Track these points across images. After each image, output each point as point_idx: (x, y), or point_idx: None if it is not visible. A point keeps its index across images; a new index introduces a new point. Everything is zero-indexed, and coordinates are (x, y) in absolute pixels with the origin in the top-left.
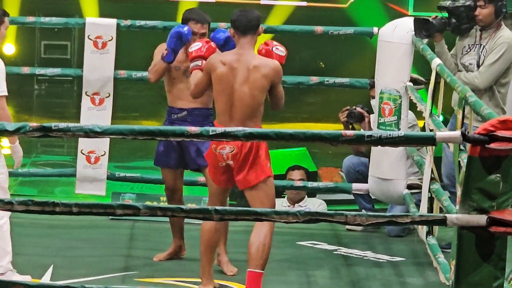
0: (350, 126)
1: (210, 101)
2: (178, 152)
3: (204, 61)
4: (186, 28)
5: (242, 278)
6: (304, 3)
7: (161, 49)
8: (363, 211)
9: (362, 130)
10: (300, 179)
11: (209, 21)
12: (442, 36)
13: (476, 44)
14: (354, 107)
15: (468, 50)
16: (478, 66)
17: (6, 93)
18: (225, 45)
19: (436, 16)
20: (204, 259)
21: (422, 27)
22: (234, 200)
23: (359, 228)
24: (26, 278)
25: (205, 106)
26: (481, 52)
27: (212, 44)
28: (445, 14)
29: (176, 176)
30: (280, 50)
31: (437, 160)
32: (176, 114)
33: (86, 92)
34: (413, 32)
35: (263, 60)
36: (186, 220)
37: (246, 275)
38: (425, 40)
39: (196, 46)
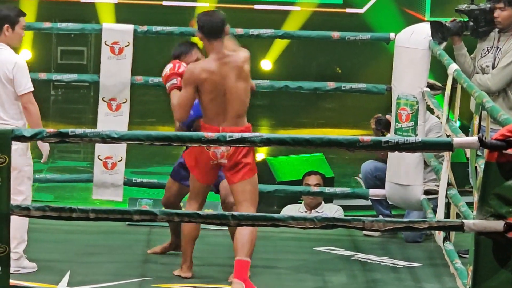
0: (381, 134)
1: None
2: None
3: (179, 78)
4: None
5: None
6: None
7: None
8: (381, 217)
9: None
10: (316, 184)
11: (195, 44)
12: (461, 39)
13: (494, 47)
14: (380, 115)
15: (487, 52)
16: (493, 69)
17: (33, 89)
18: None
19: (454, 19)
20: (187, 250)
21: (438, 30)
22: None
23: (377, 234)
24: (33, 265)
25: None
26: (497, 54)
27: (183, 64)
28: (465, 18)
29: (182, 192)
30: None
31: (454, 166)
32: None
33: (103, 98)
34: (430, 38)
35: (237, 51)
36: (202, 226)
37: (251, 280)
38: (443, 45)
39: (168, 67)
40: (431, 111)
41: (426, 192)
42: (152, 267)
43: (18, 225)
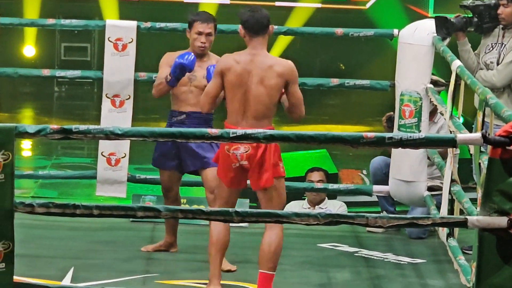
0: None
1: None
2: (174, 155)
3: None
4: (191, 57)
5: (244, 277)
6: (319, 5)
7: (168, 60)
8: (384, 213)
9: None
10: (319, 181)
11: (215, 20)
12: (465, 34)
13: (498, 43)
14: (392, 113)
15: (491, 48)
16: (498, 65)
17: None
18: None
19: (458, 15)
20: (215, 261)
21: (442, 26)
22: (254, 202)
23: (380, 230)
24: None
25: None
26: (502, 50)
27: None
28: (469, 14)
29: (172, 178)
30: None
31: (458, 162)
32: (176, 117)
33: (106, 94)
34: (434, 34)
35: (277, 59)
36: (207, 222)
37: (252, 275)
38: (446, 41)
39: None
40: (435, 107)
41: (430, 189)
42: (156, 263)
43: None
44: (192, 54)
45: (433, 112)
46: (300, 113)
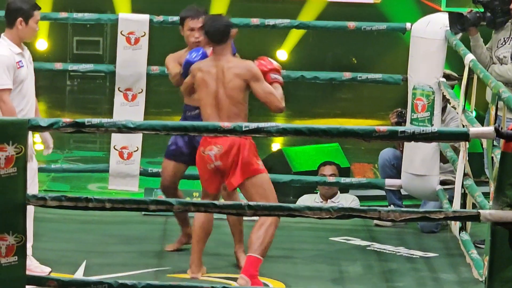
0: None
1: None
2: (182, 146)
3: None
4: (199, 55)
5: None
6: None
7: (173, 58)
8: (392, 207)
9: None
10: (331, 175)
11: (205, 12)
12: (477, 29)
13: (511, 37)
14: (400, 109)
15: (503, 43)
16: None
17: (7, 86)
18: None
19: (471, 10)
20: (197, 248)
21: (456, 21)
22: None
23: (388, 223)
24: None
25: None
26: None
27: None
28: (481, 9)
29: (173, 168)
30: (277, 77)
31: (470, 156)
32: (190, 112)
33: (118, 88)
34: (446, 28)
35: (237, 61)
36: (219, 216)
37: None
38: (459, 35)
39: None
40: (447, 101)
41: (442, 183)
42: (168, 256)
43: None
44: (202, 49)
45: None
46: (275, 108)
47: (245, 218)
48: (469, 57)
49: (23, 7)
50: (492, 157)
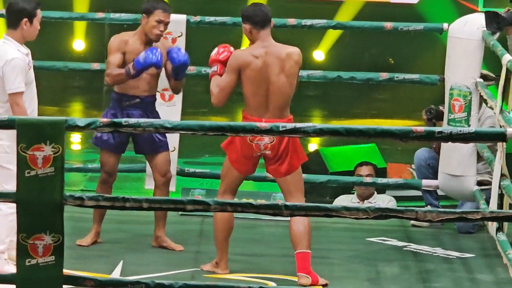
0: (433, 125)
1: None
2: (126, 138)
3: (220, 65)
4: (158, 54)
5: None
6: None
7: (118, 45)
8: (429, 207)
9: None
10: (368, 175)
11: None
12: None
13: None
14: (433, 106)
15: None
16: None
17: (22, 90)
18: (176, 69)
19: (508, 10)
20: (222, 246)
21: (493, 21)
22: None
23: (425, 224)
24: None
25: (154, 93)
26: None
27: (231, 48)
28: None
29: (117, 161)
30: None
31: (507, 157)
32: (128, 101)
33: None
34: (484, 28)
35: (289, 48)
36: (255, 216)
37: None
38: (496, 35)
39: (213, 52)
40: (485, 102)
41: (479, 183)
42: (205, 257)
43: None
44: (158, 49)
45: None
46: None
47: None
48: (506, 58)
49: (27, 8)
50: None
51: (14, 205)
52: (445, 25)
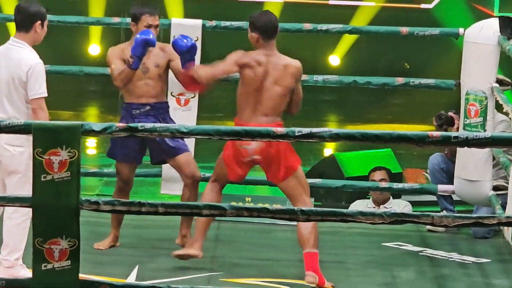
0: (444, 131)
1: (165, 95)
2: (139, 147)
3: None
4: (151, 35)
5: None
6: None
7: (116, 53)
8: (444, 212)
9: None
10: (381, 179)
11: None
12: None
13: None
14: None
15: None
16: None
17: (45, 95)
18: (187, 52)
19: None
20: (201, 227)
21: (507, 26)
22: (318, 201)
23: (441, 229)
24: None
25: (164, 100)
26: None
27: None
28: None
29: (133, 171)
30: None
31: None
32: (138, 109)
33: (171, 93)
34: (499, 33)
35: (289, 60)
36: (271, 221)
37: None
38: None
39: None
40: (500, 107)
41: (495, 188)
42: (221, 261)
43: (11, 233)
44: (147, 30)
45: None
46: (298, 109)
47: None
48: None
49: (40, 11)
50: None
51: (25, 212)
52: (461, 30)
